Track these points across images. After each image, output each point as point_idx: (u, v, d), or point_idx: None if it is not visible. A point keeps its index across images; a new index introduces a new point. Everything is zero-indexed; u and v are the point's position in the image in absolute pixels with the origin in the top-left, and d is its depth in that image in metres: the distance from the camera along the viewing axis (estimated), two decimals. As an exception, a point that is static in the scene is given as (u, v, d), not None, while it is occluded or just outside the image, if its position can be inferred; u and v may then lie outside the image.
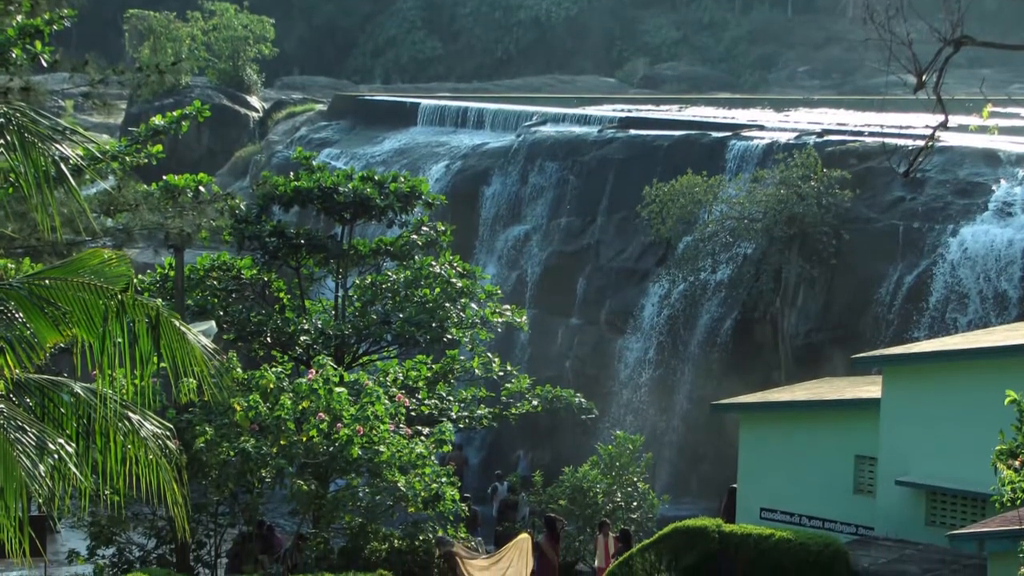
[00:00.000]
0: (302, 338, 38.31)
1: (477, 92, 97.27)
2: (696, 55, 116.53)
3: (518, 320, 41.06)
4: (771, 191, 45.80)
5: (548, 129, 61.95)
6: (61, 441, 15.16)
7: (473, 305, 40.03)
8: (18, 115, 15.62)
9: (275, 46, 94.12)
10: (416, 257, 40.49)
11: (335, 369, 32.06)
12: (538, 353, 52.78)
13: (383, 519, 30.91)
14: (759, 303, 46.43)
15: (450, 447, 33.75)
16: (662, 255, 50.76)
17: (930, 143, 16.23)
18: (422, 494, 30.01)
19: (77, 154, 16.94)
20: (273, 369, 32.31)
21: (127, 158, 31.09)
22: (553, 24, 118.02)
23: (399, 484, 29.89)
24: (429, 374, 38.98)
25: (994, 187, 44.83)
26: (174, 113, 32.44)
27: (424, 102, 74.33)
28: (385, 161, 64.28)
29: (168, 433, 16.54)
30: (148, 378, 15.96)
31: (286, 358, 38.84)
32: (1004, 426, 16.76)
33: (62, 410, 15.92)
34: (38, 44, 25.79)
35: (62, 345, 17.22)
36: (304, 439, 29.98)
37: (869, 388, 30.61)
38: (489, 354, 40.89)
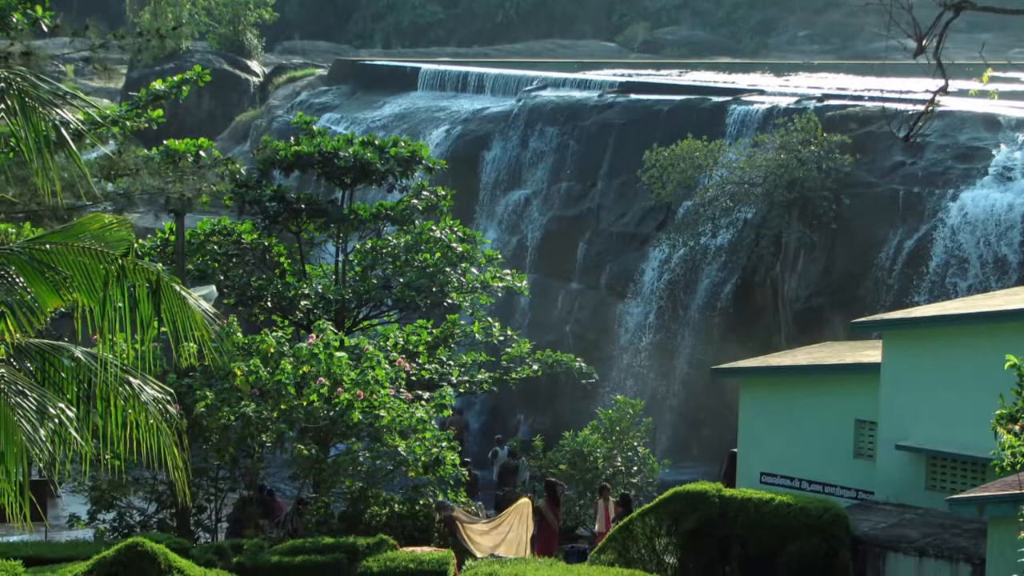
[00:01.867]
0: (302, 303, 38.34)
1: (477, 57, 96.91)
2: (697, 19, 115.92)
3: (518, 285, 41.10)
4: (771, 156, 45.75)
5: (548, 94, 61.81)
6: (62, 406, 15.17)
7: (473, 270, 40.04)
8: (19, 80, 15.60)
9: (275, 11, 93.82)
10: (416, 222, 40.52)
11: (335, 334, 32.09)
12: (538, 318, 52.79)
13: (383, 483, 30.95)
14: (759, 268, 46.42)
15: (450, 411, 33.77)
16: (662, 220, 50.69)
17: (930, 108, 16.22)
18: (422, 458, 30.06)
19: (78, 119, 16.92)
20: (274, 334, 32.33)
21: (128, 123, 31.04)
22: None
23: (399, 448, 29.94)
24: (429, 339, 38.99)
25: (994, 152, 44.78)
26: (175, 78, 32.38)
27: (424, 67, 74.10)
28: (385, 126, 64.18)
29: (169, 398, 16.54)
30: (149, 342, 15.96)
31: (286, 323, 38.85)
32: (1004, 390, 16.77)
33: (63, 375, 15.91)
34: (39, 8, 25.71)
35: (63, 310, 17.20)
36: (304, 403, 30.02)
37: (869, 352, 30.65)
38: (489, 319, 40.95)
